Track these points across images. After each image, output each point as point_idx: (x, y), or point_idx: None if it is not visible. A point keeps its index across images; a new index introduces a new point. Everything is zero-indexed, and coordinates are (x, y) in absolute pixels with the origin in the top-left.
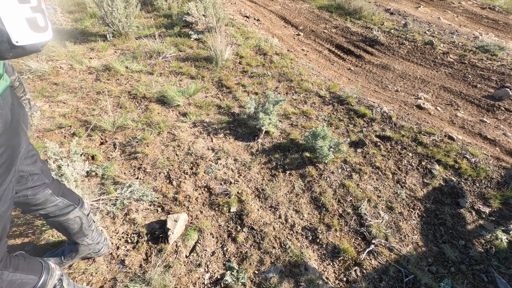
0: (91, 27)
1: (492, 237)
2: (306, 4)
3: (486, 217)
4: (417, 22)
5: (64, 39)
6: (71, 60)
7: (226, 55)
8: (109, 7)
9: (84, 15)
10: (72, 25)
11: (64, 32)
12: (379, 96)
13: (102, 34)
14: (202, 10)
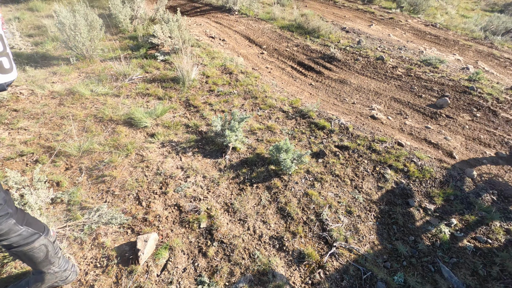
0: (53, 50)
1: (437, 231)
2: (268, 24)
3: (431, 214)
4: (370, 39)
5: (24, 64)
6: (32, 85)
7: (192, 75)
8: (72, 31)
9: (45, 38)
10: (32, 49)
11: (24, 56)
12: (338, 109)
13: (65, 58)
14: (167, 32)
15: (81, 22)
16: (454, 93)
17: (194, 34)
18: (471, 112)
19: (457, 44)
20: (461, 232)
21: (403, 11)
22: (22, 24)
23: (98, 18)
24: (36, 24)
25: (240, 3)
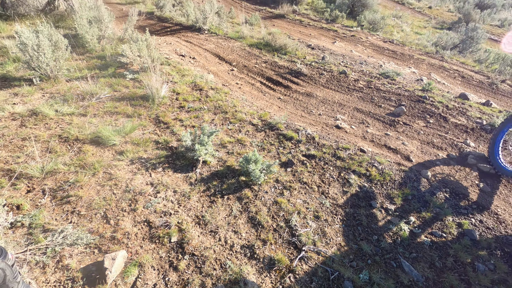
0: (15, 71)
1: (397, 229)
2: (238, 42)
3: (392, 213)
4: (334, 55)
5: None
6: None
7: (162, 93)
8: (35, 52)
9: (5, 59)
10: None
11: None
12: (305, 120)
13: (27, 79)
14: (136, 51)
15: (44, 43)
16: (410, 102)
17: (164, 53)
18: (425, 119)
19: (412, 58)
20: (419, 228)
21: (364, 29)
22: None
23: (63, 39)
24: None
25: (210, 22)
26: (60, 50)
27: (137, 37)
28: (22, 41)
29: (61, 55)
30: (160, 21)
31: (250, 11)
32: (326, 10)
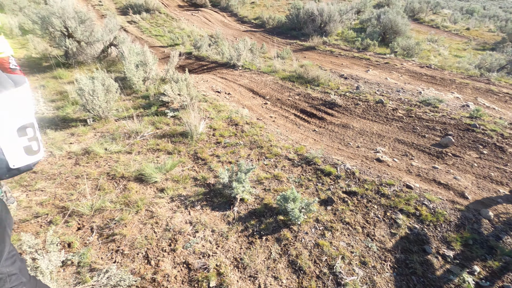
0: (72, 113)
1: (460, 281)
2: (270, 76)
3: (451, 261)
4: (368, 84)
5: (45, 127)
6: (51, 147)
7: (200, 129)
8: (90, 96)
9: (65, 102)
10: (54, 112)
11: (46, 120)
12: (343, 153)
13: (82, 119)
14: (176, 90)
15: (99, 87)
16: (457, 131)
17: (202, 90)
18: (478, 150)
19: (454, 83)
20: (486, 281)
21: (397, 55)
22: (46, 91)
23: (114, 82)
24: (59, 90)
25: (243, 59)
26: (111, 93)
27: (177, 77)
28: (80, 87)
29: (111, 97)
30: (198, 60)
31: (281, 45)
32: (356, 39)
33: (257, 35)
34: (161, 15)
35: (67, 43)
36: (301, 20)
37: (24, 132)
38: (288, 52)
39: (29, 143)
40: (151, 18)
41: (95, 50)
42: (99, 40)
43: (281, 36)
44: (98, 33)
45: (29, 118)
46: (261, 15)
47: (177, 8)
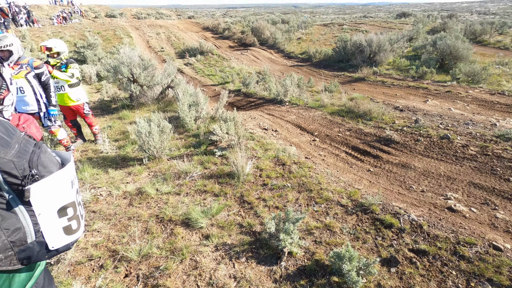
0: (131, 152)
1: None
2: (318, 111)
3: None
4: (428, 116)
5: (107, 166)
6: (110, 186)
7: (247, 170)
8: (146, 137)
9: (126, 142)
10: (116, 152)
11: (109, 159)
12: (405, 199)
13: (139, 159)
14: (225, 129)
15: (154, 129)
16: None
17: (249, 128)
18: None
19: None
20: None
21: (460, 82)
22: (112, 131)
23: (168, 124)
24: (122, 130)
25: (290, 94)
26: (165, 133)
27: (226, 116)
28: (138, 129)
29: (165, 137)
30: (246, 96)
31: (329, 78)
32: (410, 67)
33: (304, 69)
34: (213, 56)
35: (132, 88)
36: (348, 52)
37: (65, 213)
38: (336, 85)
39: (69, 223)
40: (204, 59)
41: (154, 92)
42: (158, 83)
43: (328, 69)
44: (158, 77)
45: (70, 197)
46: (308, 50)
47: (228, 49)
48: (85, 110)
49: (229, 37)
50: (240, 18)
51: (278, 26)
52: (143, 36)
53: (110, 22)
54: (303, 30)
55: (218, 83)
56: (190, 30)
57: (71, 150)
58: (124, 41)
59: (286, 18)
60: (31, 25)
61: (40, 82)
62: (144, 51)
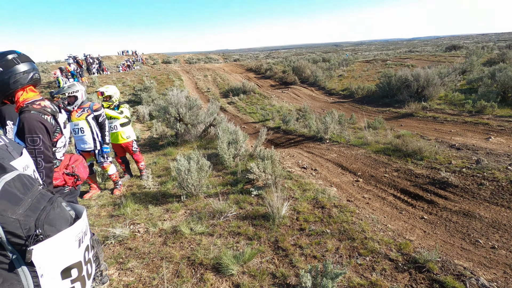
0: (171, 189)
1: None
2: (361, 149)
3: None
4: (493, 155)
5: (148, 202)
6: (148, 223)
7: (283, 212)
8: (185, 175)
9: (168, 178)
10: (158, 188)
11: (150, 195)
12: (470, 256)
13: (177, 195)
14: (262, 168)
15: (193, 167)
16: None
17: (287, 166)
18: None
19: None
20: None
21: None
22: (156, 167)
23: (207, 162)
24: (165, 166)
25: (331, 131)
26: (203, 171)
27: (264, 154)
28: (178, 167)
29: (203, 175)
30: (285, 134)
31: (372, 114)
32: (466, 101)
33: (345, 105)
34: (255, 95)
35: (178, 126)
36: (393, 87)
37: (69, 274)
38: (381, 121)
39: (72, 285)
40: (246, 98)
41: (198, 130)
42: (201, 122)
43: (371, 105)
44: (201, 116)
45: (76, 257)
46: (349, 86)
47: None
48: (133, 147)
49: (271, 76)
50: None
51: (319, 65)
52: (192, 78)
53: (165, 67)
54: (344, 67)
55: (258, 120)
56: (235, 71)
57: (118, 185)
58: (175, 83)
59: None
60: (101, 73)
61: (98, 123)
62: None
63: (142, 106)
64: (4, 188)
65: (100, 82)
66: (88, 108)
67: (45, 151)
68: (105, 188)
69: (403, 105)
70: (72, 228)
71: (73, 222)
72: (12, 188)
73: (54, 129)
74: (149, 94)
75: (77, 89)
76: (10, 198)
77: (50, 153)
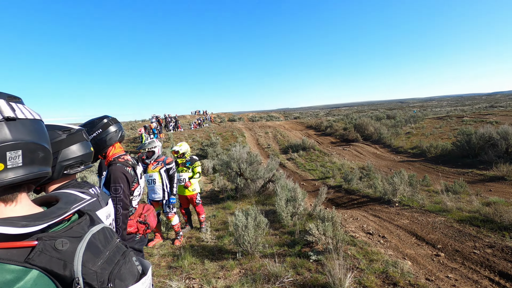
0: (228, 244)
1: None
2: (440, 217)
3: None
4: None
5: (205, 256)
6: (203, 279)
7: (346, 284)
8: (242, 231)
9: (225, 233)
10: (215, 242)
11: (207, 249)
12: None
13: (233, 252)
14: (322, 230)
15: (250, 224)
16: None
17: (350, 230)
18: None
19: None
20: None
21: None
22: (215, 220)
23: (264, 219)
24: (224, 220)
25: (400, 193)
26: (260, 228)
27: (324, 214)
28: (235, 222)
29: (260, 233)
30: (347, 193)
31: (450, 175)
32: None
33: (416, 165)
34: (315, 152)
35: (238, 180)
36: (474, 146)
37: None
38: (463, 185)
39: None
40: (306, 155)
41: (257, 185)
42: (261, 177)
43: (448, 165)
44: (261, 172)
45: None
46: (419, 144)
47: (329, 144)
48: (197, 199)
49: (331, 133)
50: (343, 116)
51: (383, 122)
52: (254, 135)
53: (230, 125)
54: (412, 124)
55: (318, 177)
56: (295, 129)
57: (179, 236)
58: (238, 140)
59: (391, 113)
60: (176, 130)
61: (168, 175)
62: (253, 147)
63: (207, 160)
64: (90, 240)
65: (175, 138)
66: (162, 161)
67: (124, 199)
68: (167, 238)
69: (489, 166)
70: (138, 285)
71: (140, 278)
72: (96, 241)
73: (132, 179)
74: (214, 149)
75: (155, 145)
76: (94, 250)
77: (128, 201)
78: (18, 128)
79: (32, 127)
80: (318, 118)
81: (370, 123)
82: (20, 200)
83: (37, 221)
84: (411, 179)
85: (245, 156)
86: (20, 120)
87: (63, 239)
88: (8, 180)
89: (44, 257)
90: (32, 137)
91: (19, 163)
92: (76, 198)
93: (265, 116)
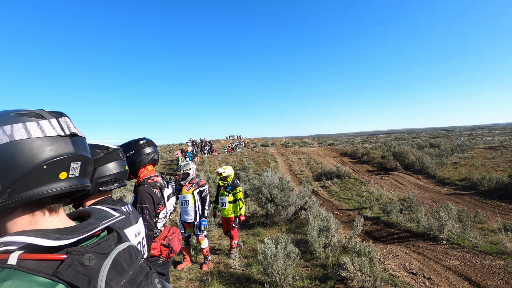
0: (256, 273)
1: None
2: (498, 260)
3: None
4: None
5: (232, 284)
6: None
7: None
8: (271, 261)
9: (253, 261)
10: (243, 270)
11: (235, 277)
12: None
13: (261, 283)
14: (358, 265)
15: (280, 253)
16: None
17: (389, 268)
18: None
19: None
20: None
21: None
22: (244, 246)
23: (295, 248)
24: (253, 247)
25: (448, 230)
26: (291, 259)
27: (360, 248)
28: (265, 251)
29: (290, 263)
30: (386, 226)
31: (509, 213)
32: None
33: (465, 199)
34: (350, 180)
35: (269, 206)
36: None
37: None
38: None
39: None
40: (340, 182)
41: (288, 212)
42: (292, 204)
43: (505, 201)
44: (292, 198)
45: None
46: (469, 176)
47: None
48: (234, 223)
49: (368, 161)
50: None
51: (425, 150)
52: (286, 161)
53: (263, 150)
54: (460, 154)
55: (353, 207)
56: (329, 155)
57: (208, 260)
58: (270, 165)
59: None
60: (210, 153)
61: (201, 197)
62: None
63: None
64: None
65: (209, 161)
66: (196, 183)
67: (149, 220)
68: (195, 261)
69: None
70: None
71: None
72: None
73: (159, 201)
74: (246, 174)
75: (190, 168)
76: (118, 268)
77: (152, 222)
78: (78, 143)
79: (85, 144)
80: (353, 145)
81: (411, 151)
82: (60, 212)
83: (68, 234)
84: (460, 214)
85: (276, 182)
86: (78, 137)
87: (90, 255)
88: (68, 188)
89: (71, 272)
90: (86, 152)
91: (77, 174)
92: (107, 214)
93: (298, 142)
